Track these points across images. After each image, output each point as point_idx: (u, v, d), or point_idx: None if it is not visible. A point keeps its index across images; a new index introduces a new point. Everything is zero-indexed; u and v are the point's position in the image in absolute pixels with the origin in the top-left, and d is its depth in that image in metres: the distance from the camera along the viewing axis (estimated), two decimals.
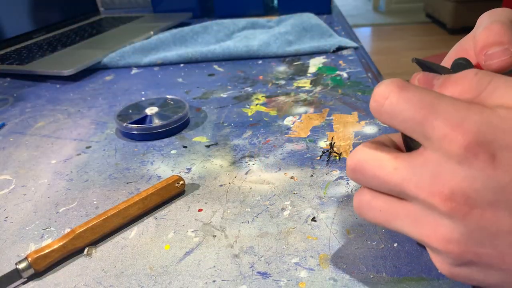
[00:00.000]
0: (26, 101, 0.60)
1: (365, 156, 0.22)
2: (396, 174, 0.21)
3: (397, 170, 0.21)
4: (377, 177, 0.21)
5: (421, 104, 0.19)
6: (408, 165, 0.20)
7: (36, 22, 0.88)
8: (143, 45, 0.75)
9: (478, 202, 0.18)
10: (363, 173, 0.22)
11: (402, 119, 0.20)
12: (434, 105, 0.19)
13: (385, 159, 0.21)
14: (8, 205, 0.37)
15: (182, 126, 0.48)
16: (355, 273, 0.27)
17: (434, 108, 0.19)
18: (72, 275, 0.29)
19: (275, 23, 0.85)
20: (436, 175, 0.19)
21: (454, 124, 0.18)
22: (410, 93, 0.20)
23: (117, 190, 0.38)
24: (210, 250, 0.30)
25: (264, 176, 0.38)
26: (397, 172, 0.21)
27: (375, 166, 0.22)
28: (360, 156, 0.22)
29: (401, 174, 0.20)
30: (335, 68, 0.63)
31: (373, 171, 0.22)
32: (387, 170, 0.21)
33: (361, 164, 0.22)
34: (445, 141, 0.19)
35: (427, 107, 0.19)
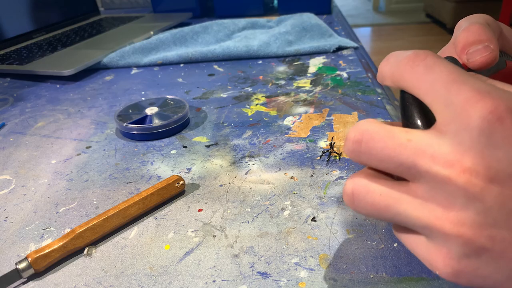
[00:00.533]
0: (26, 101, 0.60)
1: (374, 127, 0.20)
2: (410, 144, 0.19)
3: (411, 142, 0.19)
4: (387, 149, 0.19)
5: (451, 71, 0.19)
6: (423, 136, 0.19)
7: (36, 22, 0.88)
8: (143, 45, 0.75)
9: (499, 175, 0.17)
10: (370, 144, 0.20)
11: (434, 80, 0.19)
12: (463, 74, 0.19)
13: (397, 131, 0.20)
14: (8, 205, 0.37)
15: (182, 126, 0.48)
16: (355, 273, 0.27)
17: (463, 76, 0.19)
18: (72, 275, 0.29)
19: (275, 23, 0.85)
20: (455, 145, 0.18)
21: (482, 90, 0.18)
22: (445, 64, 0.19)
23: (117, 190, 0.38)
24: (210, 250, 0.30)
25: (264, 176, 0.38)
26: (411, 143, 0.19)
27: (386, 136, 0.20)
28: (368, 126, 0.20)
29: (416, 145, 0.19)
30: (335, 68, 0.63)
31: (384, 141, 0.19)
32: (399, 140, 0.19)
33: (369, 134, 0.20)
34: (471, 104, 0.17)
35: (456, 75, 0.19)
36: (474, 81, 0.18)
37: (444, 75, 0.19)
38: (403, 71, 0.20)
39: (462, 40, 0.23)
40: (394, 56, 0.22)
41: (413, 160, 0.19)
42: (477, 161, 0.17)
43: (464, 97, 0.18)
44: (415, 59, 0.20)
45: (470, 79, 0.18)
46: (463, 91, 0.18)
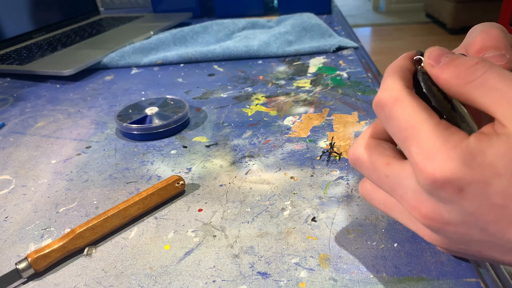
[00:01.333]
0: (26, 101, 0.60)
1: (362, 156, 0.24)
2: (387, 181, 0.23)
3: (388, 178, 0.22)
4: (372, 178, 0.24)
5: (406, 124, 0.21)
6: (397, 176, 0.22)
7: (36, 22, 0.88)
8: (143, 45, 0.75)
9: (451, 221, 0.20)
10: (361, 169, 0.25)
11: (393, 128, 0.22)
12: (417, 128, 0.20)
13: (379, 165, 0.23)
14: (8, 205, 0.37)
15: (182, 126, 0.48)
16: (355, 273, 0.27)
17: (415, 131, 0.20)
18: (72, 275, 0.29)
19: (275, 23, 0.85)
20: (415, 193, 0.21)
21: (426, 156, 0.19)
22: (401, 108, 0.21)
23: (117, 190, 0.38)
24: (210, 250, 0.30)
25: (264, 176, 0.38)
26: (388, 180, 0.22)
27: (369, 168, 0.24)
28: (359, 153, 0.25)
29: (391, 182, 0.22)
30: (335, 68, 0.63)
31: (368, 172, 0.24)
32: (379, 175, 0.23)
33: (359, 161, 0.25)
34: (417, 170, 0.20)
35: (409, 128, 0.20)
36: (425, 136, 0.20)
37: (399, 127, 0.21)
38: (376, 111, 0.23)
39: (479, 42, 0.23)
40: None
41: (390, 192, 0.23)
42: (431, 211, 0.21)
43: (414, 160, 0.20)
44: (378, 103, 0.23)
45: (423, 132, 0.20)
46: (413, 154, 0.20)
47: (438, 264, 0.27)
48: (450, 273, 0.27)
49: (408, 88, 0.22)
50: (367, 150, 0.24)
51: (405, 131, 0.21)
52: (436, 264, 0.27)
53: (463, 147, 0.19)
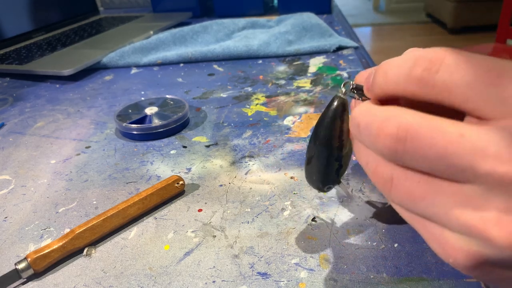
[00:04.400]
0: (26, 101, 0.60)
1: (417, 120, 0.17)
2: (464, 141, 0.16)
3: (464, 138, 0.16)
4: (436, 147, 0.16)
5: (488, 66, 0.16)
6: (479, 131, 0.16)
7: (35, 22, 0.88)
8: (143, 45, 0.74)
9: None
10: (416, 144, 0.17)
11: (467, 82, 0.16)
12: (503, 65, 0.16)
13: (445, 124, 0.16)
14: (7, 205, 0.37)
15: (181, 126, 0.48)
16: (356, 273, 0.27)
17: (504, 68, 0.16)
18: (71, 275, 0.29)
19: (275, 23, 0.85)
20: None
21: None
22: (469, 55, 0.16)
23: (117, 190, 0.38)
24: (210, 250, 0.30)
25: (264, 176, 0.38)
26: (465, 139, 0.16)
27: (434, 131, 0.16)
28: (411, 119, 0.17)
29: (471, 142, 0.15)
30: (335, 68, 0.63)
31: (432, 138, 0.16)
32: (451, 136, 0.16)
33: (413, 129, 0.17)
34: None
35: (496, 68, 0.16)
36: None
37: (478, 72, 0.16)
38: (419, 82, 0.17)
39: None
40: (392, 66, 0.18)
41: (469, 161, 0.15)
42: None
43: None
44: (432, 64, 0.17)
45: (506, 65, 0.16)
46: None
47: (438, 265, 0.27)
48: (451, 274, 0.26)
49: None
50: (419, 114, 0.17)
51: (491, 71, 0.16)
52: (436, 265, 0.27)
53: None
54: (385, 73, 0.19)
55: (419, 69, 0.17)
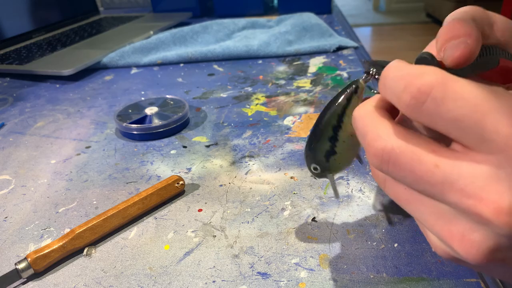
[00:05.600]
0: (26, 101, 0.60)
1: (397, 144, 0.18)
2: (437, 173, 0.17)
3: (438, 168, 0.17)
4: (413, 174, 0.18)
5: (476, 100, 0.16)
6: (453, 163, 0.17)
7: (35, 21, 0.88)
8: (143, 45, 0.74)
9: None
10: (396, 166, 0.18)
11: (451, 119, 0.17)
12: (493, 101, 0.16)
13: (423, 152, 0.18)
14: (7, 205, 0.37)
15: (182, 126, 0.48)
16: (355, 273, 0.27)
17: (494, 104, 0.16)
18: (71, 275, 0.29)
19: (275, 23, 0.85)
20: (491, 180, 0.16)
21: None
22: (459, 87, 0.17)
23: (117, 190, 0.38)
24: (210, 250, 0.30)
25: (264, 176, 0.38)
26: (439, 170, 0.17)
27: (412, 159, 0.18)
28: (391, 143, 0.18)
29: (444, 173, 0.17)
30: (335, 68, 0.63)
31: (410, 165, 0.18)
32: (426, 166, 0.17)
33: (394, 154, 0.18)
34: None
35: (485, 103, 0.16)
36: (507, 105, 0.16)
37: (465, 107, 0.16)
38: (407, 107, 0.18)
39: (440, 37, 0.22)
40: (389, 79, 0.19)
41: (440, 189, 0.17)
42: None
43: (506, 133, 0.16)
44: (419, 94, 0.17)
45: (501, 102, 0.16)
46: (502, 128, 0.16)
47: (438, 264, 0.27)
48: (451, 273, 0.26)
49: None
50: (403, 139, 0.18)
51: (479, 106, 0.16)
52: (436, 264, 0.27)
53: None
54: (383, 83, 0.20)
55: (408, 96, 0.17)
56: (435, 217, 0.19)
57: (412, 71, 0.18)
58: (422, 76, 0.17)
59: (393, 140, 0.18)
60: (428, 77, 0.17)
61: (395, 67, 0.19)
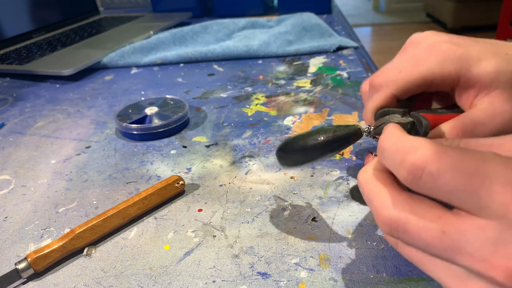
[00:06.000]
0: (26, 101, 0.60)
1: (403, 214, 0.19)
2: (445, 239, 0.18)
3: (446, 235, 0.18)
4: (422, 240, 0.19)
5: (468, 170, 0.17)
6: (459, 229, 0.17)
7: (35, 21, 0.88)
8: (143, 45, 0.74)
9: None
10: (405, 234, 0.19)
11: (448, 190, 0.17)
12: (484, 169, 0.17)
13: (429, 220, 0.18)
14: (7, 205, 0.37)
15: (182, 126, 0.48)
16: (356, 273, 0.27)
17: (486, 173, 0.17)
18: (71, 275, 0.29)
19: (275, 23, 0.85)
20: (498, 245, 0.17)
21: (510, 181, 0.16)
22: (451, 159, 0.17)
23: (117, 190, 0.38)
24: (210, 250, 0.30)
25: (264, 176, 0.38)
26: (446, 236, 0.18)
27: (419, 227, 0.18)
28: (397, 213, 0.19)
29: (451, 239, 0.18)
30: (335, 68, 0.63)
31: (418, 233, 0.19)
32: (433, 233, 0.18)
33: (402, 223, 0.19)
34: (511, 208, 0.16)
35: (477, 173, 0.17)
36: (499, 171, 0.17)
37: (459, 179, 0.17)
38: (405, 181, 0.19)
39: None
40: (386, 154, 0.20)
41: (449, 254, 0.18)
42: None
43: (501, 200, 0.17)
44: (415, 170, 0.18)
45: (493, 169, 0.17)
46: (496, 195, 0.17)
47: None
48: None
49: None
50: (408, 207, 0.19)
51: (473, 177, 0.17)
52: None
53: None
54: (382, 153, 0.21)
55: (404, 172, 0.18)
56: (450, 278, 0.19)
57: (406, 145, 0.19)
58: (415, 151, 0.18)
59: (397, 210, 0.19)
60: (421, 151, 0.18)
61: (390, 137, 0.20)
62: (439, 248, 0.18)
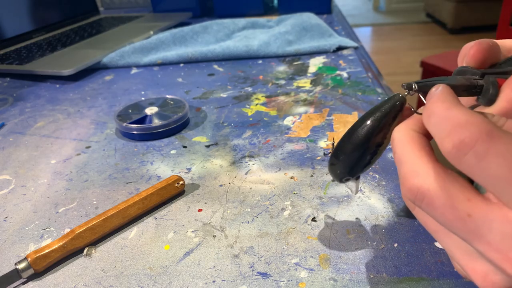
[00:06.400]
0: (26, 101, 0.60)
1: (433, 187, 0.18)
2: (469, 222, 0.17)
3: (471, 218, 0.17)
4: (444, 218, 0.18)
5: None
6: (486, 217, 0.17)
7: (35, 21, 0.88)
8: (143, 45, 0.75)
9: None
10: (429, 206, 0.19)
11: (490, 175, 0.17)
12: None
13: (458, 199, 0.18)
14: (7, 205, 0.37)
15: (182, 126, 0.48)
16: (355, 273, 0.27)
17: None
18: (71, 275, 0.29)
19: (275, 23, 0.85)
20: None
21: None
22: (503, 144, 0.17)
23: (117, 190, 0.38)
24: (210, 250, 0.30)
25: (264, 176, 0.38)
26: (471, 220, 0.17)
27: (445, 204, 0.18)
28: (428, 185, 0.19)
29: (475, 224, 0.17)
30: (335, 68, 0.63)
31: (443, 210, 0.18)
32: (459, 214, 0.18)
33: (429, 195, 0.19)
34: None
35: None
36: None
37: (505, 167, 0.16)
38: (448, 154, 0.18)
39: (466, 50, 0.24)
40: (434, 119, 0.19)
41: (468, 238, 0.18)
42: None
43: None
44: (462, 145, 0.17)
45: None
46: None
47: (438, 264, 0.27)
48: (450, 273, 0.27)
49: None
50: (440, 181, 0.18)
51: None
52: (436, 264, 0.27)
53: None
54: (428, 117, 0.19)
55: (450, 144, 0.17)
56: (461, 252, 0.19)
57: (458, 117, 0.18)
58: (468, 126, 0.17)
59: (430, 182, 0.19)
60: (474, 128, 0.17)
61: (442, 103, 0.19)
62: (460, 229, 0.18)
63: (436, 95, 0.20)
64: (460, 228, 0.18)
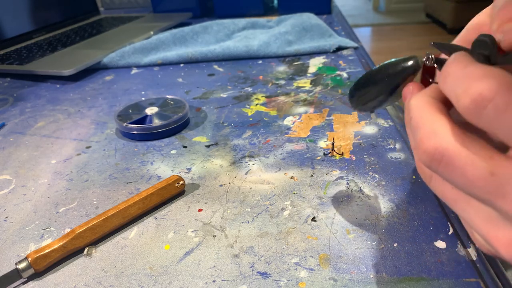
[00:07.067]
0: (26, 101, 0.60)
1: (453, 146, 0.17)
2: (491, 181, 0.16)
3: (494, 177, 0.16)
4: (465, 178, 0.17)
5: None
6: (510, 174, 0.16)
7: (36, 22, 0.88)
8: (143, 45, 0.75)
9: None
10: (448, 167, 0.18)
11: (510, 130, 0.16)
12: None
13: (480, 158, 0.17)
14: (8, 205, 0.37)
15: (182, 126, 0.48)
16: (355, 273, 0.27)
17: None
18: (72, 275, 0.29)
19: (275, 23, 0.85)
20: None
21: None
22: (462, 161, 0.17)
23: (117, 190, 0.38)
24: (210, 250, 0.30)
25: (264, 176, 0.38)
26: (494, 179, 0.16)
27: (466, 163, 0.17)
28: (447, 142, 0.18)
29: (499, 183, 0.16)
30: (335, 68, 0.63)
31: (463, 169, 0.17)
32: (481, 172, 0.17)
33: (448, 155, 0.18)
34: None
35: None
36: None
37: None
38: (465, 110, 0.17)
39: (498, 17, 0.20)
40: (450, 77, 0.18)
41: (491, 198, 0.17)
42: None
43: None
44: (480, 99, 0.16)
45: None
46: None
47: (438, 264, 0.27)
48: (450, 273, 0.27)
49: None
50: (459, 140, 0.17)
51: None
52: (436, 264, 0.27)
53: None
54: (444, 79, 0.19)
55: (467, 99, 0.17)
56: (482, 220, 0.18)
57: (476, 72, 0.17)
58: (486, 79, 0.16)
59: (449, 140, 0.18)
60: (493, 81, 0.16)
61: (458, 63, 0.18)
62: (482, 189, 0.17)
63: (452, 58, 0.19)
64: (482, 188, 0.17)
